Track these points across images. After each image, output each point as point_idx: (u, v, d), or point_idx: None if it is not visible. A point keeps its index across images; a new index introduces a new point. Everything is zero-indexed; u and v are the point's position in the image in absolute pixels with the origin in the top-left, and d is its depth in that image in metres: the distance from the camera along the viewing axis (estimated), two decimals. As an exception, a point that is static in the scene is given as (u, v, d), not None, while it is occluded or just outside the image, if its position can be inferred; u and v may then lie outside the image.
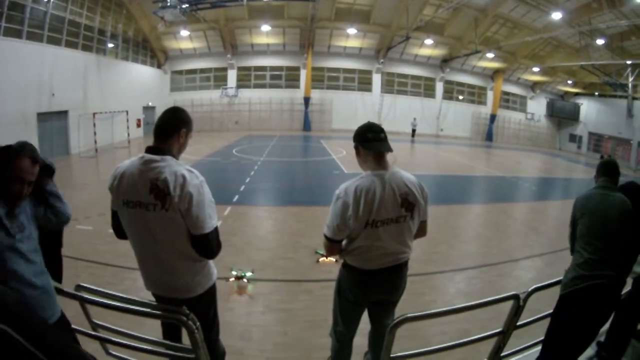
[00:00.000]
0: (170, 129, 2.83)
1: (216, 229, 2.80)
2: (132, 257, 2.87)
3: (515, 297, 3.18)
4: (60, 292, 2.84)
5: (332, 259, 7.78)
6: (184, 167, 2.71)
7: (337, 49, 37.45)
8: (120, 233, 2.91)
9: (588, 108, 39.27)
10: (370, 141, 3.13)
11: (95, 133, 21.91)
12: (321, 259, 8.02)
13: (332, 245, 3.20)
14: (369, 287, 3.24)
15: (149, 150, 2.75)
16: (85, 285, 3.00)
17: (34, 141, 18.46)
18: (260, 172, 18.01)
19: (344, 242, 3.20)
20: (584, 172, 26.94)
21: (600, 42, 28.42)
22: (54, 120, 20.55)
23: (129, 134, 26.13)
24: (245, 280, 7.01)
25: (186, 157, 20.94)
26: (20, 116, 18.00)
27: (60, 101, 20.60)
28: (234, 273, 7.11)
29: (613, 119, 34.90)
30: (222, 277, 6.78)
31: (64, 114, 21.30)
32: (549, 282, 3.44)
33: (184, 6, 23.26)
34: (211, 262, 3.08)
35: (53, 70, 20.15)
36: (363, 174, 3.16)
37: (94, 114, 21.81)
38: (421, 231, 3.33)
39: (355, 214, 2.98)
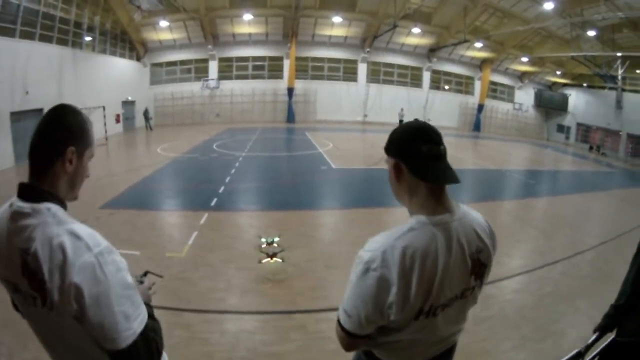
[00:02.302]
0: (48, 150, 1.64)
1: (144, 333, 1.58)
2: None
3: (578, 355, 2.62)
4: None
5: (278, 259, 7.28)
6: (67, 227, 1.53)
7: (321, 38, 36.49)
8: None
9: (577, 99, 39.31)
10: (426, 159, 1.74)
11: (69, 131, 20.63)
12: (265, 260, 7.18)
13: (353, 342, 1.86)
14: None
15: (21, 190, 1.62)
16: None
17: (8, 142, 17.77)
18: (242, 169, 16.87)
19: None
20: (576, 164, 26.52)
21: (591, 33, 28.22)
22: (29, 119, 19.16)
23: (106, 131, 24.84)
24: (275, 244, 7.34)
25: (164, 154, 20.00)
26: (-8, 117, 16.80)
27: (35, 98, 19.25)
28: (264, 240, 7.38)
29: (602, 110, 35.03)
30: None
31: (39, 112, 19.81)
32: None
33: (160, -7, 22.12)
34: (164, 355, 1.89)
35: (26, 66, 18.94)
36: (412, 222, 1.73)
37: (67, 111, 20.64)
38: None
39: (402, 302, 1.65)
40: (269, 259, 7.13)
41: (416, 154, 1.75)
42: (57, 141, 1.65)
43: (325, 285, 6.97)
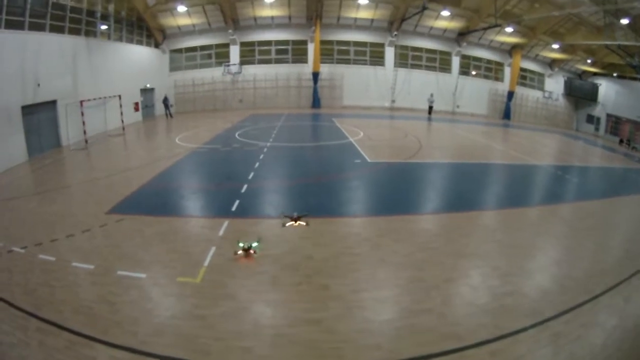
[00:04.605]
0: None
1: None
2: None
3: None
4: None
5: (302, 222, 8.68)
6: None
7: (347, 21, 35.12)
8: None
9: (607, 89, 37.40)
10: None
11: (83, 123, 19.96)
12: (289, 223, 8.57)
13: None
14: None
15: None
16: None
17: (21, 137, 17.07)
18: (267, 163, 15.66)
19: None
20: (611, 160, 24.26)
21: (624, 21, 26.31)
22: (41, 112, 18.65)
23: (122, 120, 24.08)
24: (252, 251, 7.67)
25: (183, 144, 19.17)
26: (2, 112, 15.95)
27: (47, 90, 18.65)
28: (241, 245, 7.72)
29: (633, 101, 33.38)
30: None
31: (52, 104, 19.38)
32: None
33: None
34: None
35: (37, 58, 18.11)
36: None
37: (81, 101, 19.95)
38: None
39: None
40: (292, 222, 8.37)
41: None
42: None
43: (376, 327, 5.68)
